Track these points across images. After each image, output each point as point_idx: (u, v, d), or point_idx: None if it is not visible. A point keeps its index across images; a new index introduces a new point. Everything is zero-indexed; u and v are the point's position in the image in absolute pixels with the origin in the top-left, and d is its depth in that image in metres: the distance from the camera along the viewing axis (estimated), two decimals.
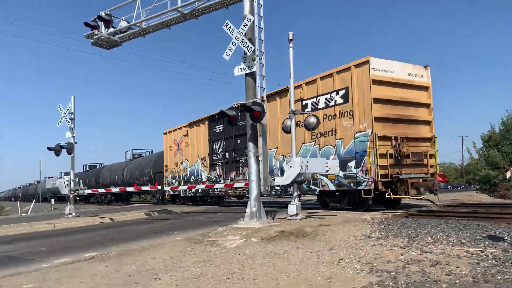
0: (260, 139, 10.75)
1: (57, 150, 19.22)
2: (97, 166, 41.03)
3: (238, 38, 10.53)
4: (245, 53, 10.80)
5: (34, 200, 44.41)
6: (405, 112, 11.21)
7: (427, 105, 11.81)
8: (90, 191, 20.35)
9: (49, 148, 19.08)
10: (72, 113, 19.79)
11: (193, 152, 20.79)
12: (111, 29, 14.95)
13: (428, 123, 11.91)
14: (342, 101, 12.10)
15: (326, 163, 11.14)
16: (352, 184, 11.75)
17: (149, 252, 8.43)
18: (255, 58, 10.77)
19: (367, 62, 10.78)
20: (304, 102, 13.32)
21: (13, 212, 51.25)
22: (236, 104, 10.95)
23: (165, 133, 23.73)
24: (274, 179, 10.96)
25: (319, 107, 12.94)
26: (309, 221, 10.89)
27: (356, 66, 11.21)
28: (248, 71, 10.80)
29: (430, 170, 11.46)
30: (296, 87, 12.60)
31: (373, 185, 11.09)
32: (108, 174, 34.48)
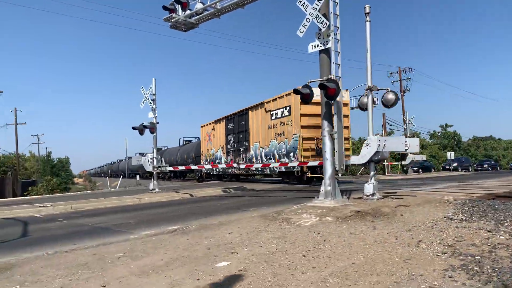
0: (334, 117, 10.56)
1: (140, 129, 20.43)
2: (162, 149, 48.98)
3: (312, 14, 10.31)
4: (320, 29, 10.57)
5: (121, 176, 47.90)
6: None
7: (346, 115, 18.25)
8: (171, 168, 21.49)
9: (133, 128, 20.33)
10: (153, 95, 20.86)
11: (216, 142, 28.40)
12: (188, 12, 15.38)
13: (345, 127, 18.51)
14: (288, 114, 19.08)
15: (406, 141, 10.69)
16: (291, 167, 18.94)
17: (226, 227, 8.76)
18: (330, 33, 10.50)
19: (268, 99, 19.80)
20: (271, 112, 20.31)
21: (103, 187, 55.85)
22: (310, 81, 10.81)
23: (202, 126, 31.60)
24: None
25: (278, 116, 19.85)
26: (386, 201, 10.59)
27: (257, 104, 20.99)
28: (322, 47, 10.58)
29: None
30: (266, 102, 20.52)
31: (299, 168, 18.71)
32: (168, 156, 43.86)
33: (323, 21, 10.26)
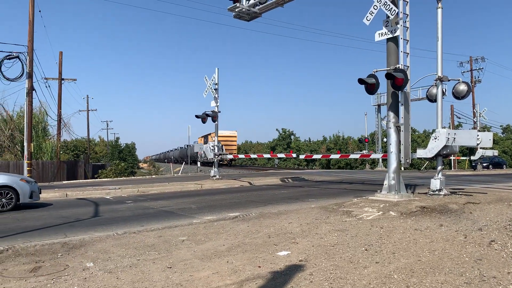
0: (401, 108, 10.17)
1: (203, 117, 20.94)
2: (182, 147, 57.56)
3: (380, 1, 9.93)
4: (387, 17, 10.17)
5: (184, 162, 49.50)
6: (228, 142, 42.24)
7: (235, 140, 47.15)
8: (231, 156, 21.90)
9: (196, 116, 20.87)
10: (216, 84, 21.24)
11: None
12: (252, 1, 15.41)
13: (235, 144, 46.77)
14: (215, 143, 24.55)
15: (477, 135, 10.08)
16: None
17: (285, 217, 8.79)
18: (398, 21, 10.07)
19: (212, 133, 26.34)
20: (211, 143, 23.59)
21: (166, 172, 58.00)
22: (376, 71, 10.47)
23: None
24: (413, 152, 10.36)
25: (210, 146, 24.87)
26: (454, 198, 10.08)
27: (212, 133, 27.68)
28: (390, 35, 10.18)
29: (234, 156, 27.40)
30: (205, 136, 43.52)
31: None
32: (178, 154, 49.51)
33: (391, 8, 9.86)
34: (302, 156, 20.16)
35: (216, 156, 21.34)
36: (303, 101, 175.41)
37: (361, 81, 10.39)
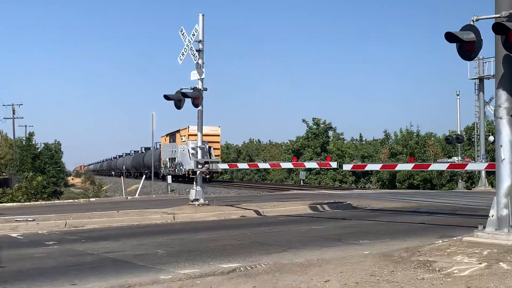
0: None
1: (177, 98, 20.94)
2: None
3: None
4: None
5: (144, 176, 49.64)
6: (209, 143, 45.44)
7: (218, 141, 56.36)
8: (226, 165, 21.94)
9: (166, 97, 20.89)
10: (200, 42, 21.30)
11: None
12: None
13: (218, 148, 54.40)
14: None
15: None
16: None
17: (318, 271, 8.75)
18: None
19: (188, 127, 49.49)
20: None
21: (115, 193, 58.18)
22: (476, 19, 10.42)
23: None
24: None
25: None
26: None
27: (184, 128, 52.65)
28: None
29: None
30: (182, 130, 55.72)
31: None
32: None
33: None
34: (347, 167, 20.13)
35: (200, 166, 21.35)
36: (345, 78, 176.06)
37: (450, 36, 10.33)
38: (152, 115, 37.74)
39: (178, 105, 21.07)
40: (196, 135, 21.76)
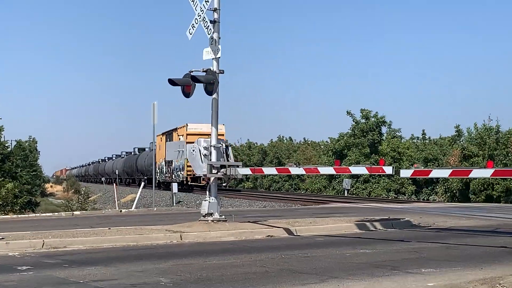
0: None
1: (186, 84, 20.93)
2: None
3: None
4: None
5: (142, 184, 49.81)
6: None
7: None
8: (248, 170, 21.91)
9: (171, 82, 20.88)
10: (214, 10, 21.26)
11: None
12: None
13: None
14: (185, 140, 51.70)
15: None
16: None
17: None
18: None
19: (186, 125, 61.86)
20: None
21: (106, 204, 58.44)
22: None
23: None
24: None
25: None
26: None
27: (182, 126, 63.88)
28: None
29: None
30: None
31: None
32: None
33: None
34: (406, 173, 19.92)
35: (215, 171, 21.33)
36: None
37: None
38: (153, 105, 37.95)
39: (187, 92, 21.04)
40: (197, 134, 21.75)
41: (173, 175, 61.54)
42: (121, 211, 35.76)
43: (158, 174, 68.44)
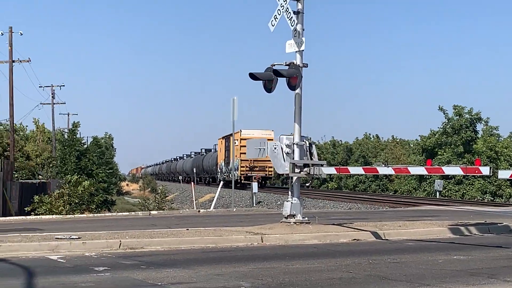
0: None
1: (268, 78, 20.99)
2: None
3: None
4: None
5: (221, 183, 50.16)
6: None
7: None
8: (332, 169, 21.87)
9: (253, 77, 20.99)
10: (298, 0, 21.23)
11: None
12: None
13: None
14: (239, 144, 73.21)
15: None
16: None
17: None
18: None
19: (240, 131, 73.65)
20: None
21: (183, 204, 58.93)
22: None
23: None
24: None
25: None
26: None
27: (237, 132, 63.57)
28: None
29: (268, 173, 76.55)
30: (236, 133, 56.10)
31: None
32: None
33: None
34: (504, 174, 19.56)
35: (298, 170, 21.32)
36: None
37: None
38: (233, 100, 38.09)
39: (269, 87, 21.11)
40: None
41: (230, 174, 68.67)
42: (199, 211, 36.04)
43: (219, 173, 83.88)
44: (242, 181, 74.76)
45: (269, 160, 60.21)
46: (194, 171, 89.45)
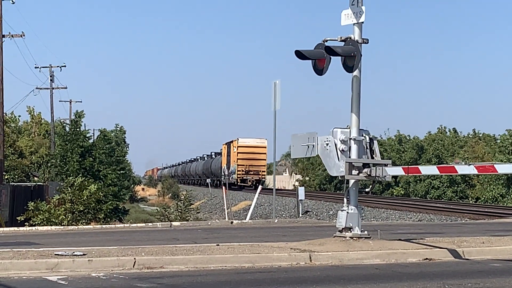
0: None
1: (319, 57, 20.94)
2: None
3: None
4: None
5: (260, 188, 50.14)
6: (254, 156, 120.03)
7: (264, 153, 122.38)
8: (400, 169, 21.76)
9: (299, 55, 20.95)
10: None
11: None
12: None
13: (264, 159, 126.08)
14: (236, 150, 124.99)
15: None
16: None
17: None
18: None
19: (237, 139, 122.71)
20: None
21: (213, 213, 59.08)
22: None
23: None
24: None
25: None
26: None
27: (234, 140, 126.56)
28: None
29: (261, 176, 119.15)
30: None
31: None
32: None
33: None
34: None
35: (356, 171, 21.24)
36: None
37: None
38: (274, 84, 38.22)
39: (320, 68, 21.02)
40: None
41: (230, 177, 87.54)
42: (232, 222, 36.06)
43: (223, 176, 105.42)
44: (239, 183, 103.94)
45: (263, 165, 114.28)
46: (196, 174, 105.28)
